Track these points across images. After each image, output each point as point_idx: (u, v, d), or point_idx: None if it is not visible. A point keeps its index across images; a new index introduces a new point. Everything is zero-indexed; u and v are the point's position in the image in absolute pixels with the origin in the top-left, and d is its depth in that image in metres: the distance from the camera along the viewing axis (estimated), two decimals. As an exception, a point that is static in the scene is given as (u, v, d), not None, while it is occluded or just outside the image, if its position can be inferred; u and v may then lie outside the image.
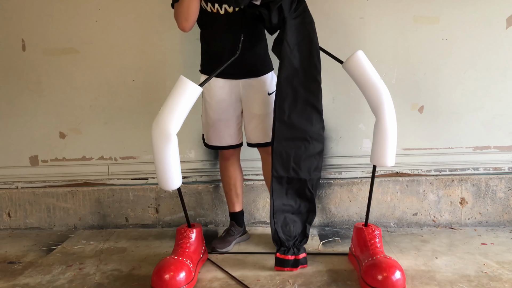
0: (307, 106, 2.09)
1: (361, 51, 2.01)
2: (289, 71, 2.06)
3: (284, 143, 2.10)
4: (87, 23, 2.63)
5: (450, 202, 2.66)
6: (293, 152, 2.11)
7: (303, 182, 2.14)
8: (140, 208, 2.77)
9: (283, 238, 2.11)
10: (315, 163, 2.15)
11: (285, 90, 2.07)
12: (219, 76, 2.19)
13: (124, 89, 2.69)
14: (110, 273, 2.13)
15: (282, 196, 2.16)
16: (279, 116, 2.09)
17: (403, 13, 2.54)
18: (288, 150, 2.11)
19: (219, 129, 2.27)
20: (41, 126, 2.75)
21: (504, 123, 2.63)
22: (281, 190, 2.15)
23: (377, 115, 1.98)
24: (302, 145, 2.11)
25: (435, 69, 2.58)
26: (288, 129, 2.10)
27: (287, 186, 2.15)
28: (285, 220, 2.16)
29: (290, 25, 2.04)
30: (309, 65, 2.07)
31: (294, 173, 2.13)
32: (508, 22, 2.53)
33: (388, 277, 1.80)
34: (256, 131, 2.29)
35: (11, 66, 2.70)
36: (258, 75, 2.22)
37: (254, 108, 2.24)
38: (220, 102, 2.24)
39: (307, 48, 2.07)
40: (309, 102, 2.09)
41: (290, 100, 2.08)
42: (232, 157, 2.37)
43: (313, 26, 2.08)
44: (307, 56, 2.07)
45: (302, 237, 2.17)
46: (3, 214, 2.83)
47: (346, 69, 2.04)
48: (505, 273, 2.00)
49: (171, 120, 1.85)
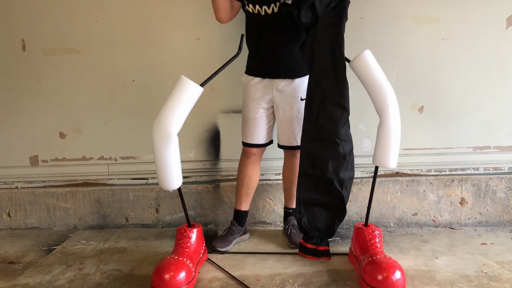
0: (336, 107, 2.08)
1: (368, 51, 2.00)
2: (319, 72, 2.07)
3: (311, 142, 2.12)
4: (87, 23, 2.63)
5: (450, 202, 2.66)
6: (319, 151, 2.12)
7: (330, 182, 2.14)
8: (140, 208, 2.76)
9: (307, 228, 2.20)
10: (344, 163, 2.13)
11: (314, 91, 2.08)
12: (255, 74, 2.26)
13: (124, 89, 2.69)
14: (110, 273, 2.13)
15: (311, 190, 2.18)
16: (307, 115, 2.11)
17: (403, 13, 2.54)
18: (315, 149, 2.13)
19: (248, 126, 2.32)
20: (41, 126, 2.75)
21: (504, 123, 2.63)
22: (309, 185, 2.18)
23: (381, 115, 1.98)
24: (329, 146, 2.10)
25: (435, 69, 2.58)
26: (315, 130, 2.11)
27: (316, 182, 2.17)
28: (314, 212, 2.20)
29: (323, 25, 2.03)
30: (338, 65, 2.06)
31: (320, 172, 2.14)
32: (508, 22, 2.53)
33: (388, 277, 1.80)
34: (284, 134, 2.32)
35: (11, 66, 2.70)
36: (294, 77, 2.23)
37: (285, 112, 2.26)
38: (252, 100, 2.28)
39: (338, 48, 2.05)
40: (339, 103, 2.08)
41: (319, 101, 2.09)
42: (253, 157, 2.37)
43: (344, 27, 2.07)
44: (338, 56, 2.06)
45: (328, 231, 2.21)
46: (3, 214, 2.83)
47: (353, 68, 2.03)
48: (505, 273, 2.01)
49: (172, 120, 1.85)
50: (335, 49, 2.06)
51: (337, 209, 2.19)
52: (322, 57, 2.06)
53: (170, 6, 2.59)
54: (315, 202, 2.19)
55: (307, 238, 2.21)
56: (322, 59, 2.06)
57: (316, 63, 2.06)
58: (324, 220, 2.21)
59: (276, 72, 2.23)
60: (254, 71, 2.27)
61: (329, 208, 2.20)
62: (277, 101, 2.26)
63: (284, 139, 2.35)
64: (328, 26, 2.04)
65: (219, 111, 2.68)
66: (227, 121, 2.68)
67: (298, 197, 2.20)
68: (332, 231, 2.21)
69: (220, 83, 2.61)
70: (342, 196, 2.16)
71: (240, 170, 2.41)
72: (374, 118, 2.04)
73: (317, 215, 2.21)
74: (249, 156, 2.37)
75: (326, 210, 2.20)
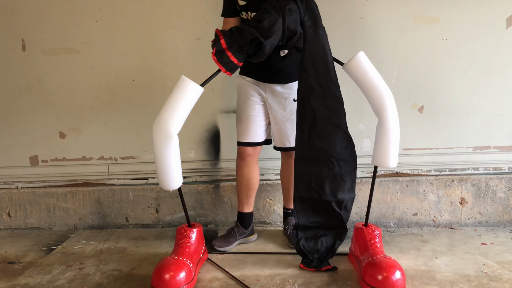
0: (328, 125, 2.00)
1: (362, 52, 1.96)
2: (304, 90, 2.00)
3: (305, 163, 2.04)
4: (87, 23, 2.63)
5: (450, 202, 2.66)
6: (315, 172, 2.03)
7: (328, 204, 2.06)
8: (140, 208, 2.77)
9: (306, 250, 2.10)
10: (342, 184, 2.04)
11: (303, 110, 2.01)
12: (249, 75, 2.26)
13: (124, 89, 2.69)
14: (110, 273, 2.13)
15: (308, 214, 2.11)
16: (299, 136, 2.04)
17: (403, 13, 2.54)
18: (310, 171, 2.04)
19: (244, 124, 2.29)
20: (41, 126, 2.75)
21: (504, 123, 2.63)
22: (306, 209, 2.10)
23: (380, 117, 1.96)
24: (324, 166, 2.02)
25: (435, 69, 2.58)
26: (308, 150, 2.03)
27: (313, 205, 2.10)
28: (315, 235, 2.11)
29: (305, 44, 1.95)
30: (326, 80, 1.97)
31: (316, 194, 2.06)
32: (508, 22, 2.53)
33: (388, 277, 1.80)
34: (278, 135, 2.30)
35: (11, 66, 2.70)
36: (286, 82, 2.21)
37: (277, 113, 2.25)
38: (247, 98, 2.27)
39: (323, 63, 1.96)
40: (330, 120, 1.99)
41: (309, 120, 2.01)
42: (248, 158, 2.32)
43: (326, 38, 1.98)
44: (323, 71, 1.96)
45: (329, 252, 2.11)
46: (3, 214, 2.83)
47: (347, 71, 1.99)
48: (505, 273, 2.00)
49: (172, 120, 1.85)
50: (319, 65, 1.96)
51: (337, 229, 2.12)
52: (308, 74, 1.97)
53: (170, 6, 2.59)
54: (314, 225, 2.12)
55: (307, 262, 2.09)
56: (307, 76, 1.98)
57: (301, 80, 2.00)
58: (324, 241, 2.11)
59: (268, 78, 2.22)
60: (248, 73, 2.27)
61: (329, 228, 2.13)
62: (269, 101, 2.25)
63: (278, 141, 2.33)
64: (307, 40, 1.94)
65: (219, 111, 2.68)
66: (227, 121, 2.68)
67: (296, 222, 2.13)
68: (333, 251, 2.11)
69: (220, 83, 2.61)
70: (341, 216, 2.09)
71: (237, 173, 2.39)
72: (374, 118, 2.03)
73: (316, 237, 2.11)
74: (244, 158, 2.33)
75: (325, 231, 2.12)
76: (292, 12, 1.87)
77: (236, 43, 1.86)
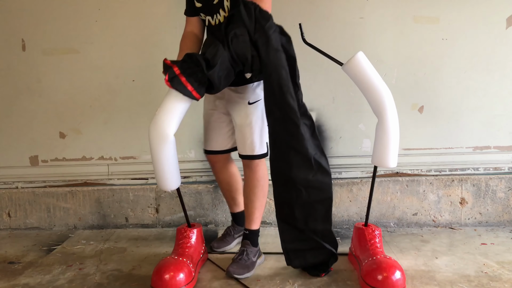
0: (290, 150, 1.86)
1: (361, 53, 1.94)
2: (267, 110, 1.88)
3: (279, 188, 1.95)
4: (87, 23, 2.63)
5: (450, 202, 2.66)
6: (286, 198, 1.93)
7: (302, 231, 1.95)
8: (140, 208, 2.77)
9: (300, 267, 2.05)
10: (313, 213, 1.93)
11: (271, 134, 1.90)
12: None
13: (124, 89, 2.69)
14: (110, 273, 2.13)
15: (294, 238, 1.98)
16: (272, 158, 1.92)
17: (403, 13, 2.54)
18: (283, 194, 1.94)
19: (205, 132, 2.24)
20: (41, 126, 2.75)
21: (504, 123, 2.63)
22: (291, 231, 1.98)
23: (380, 117, 1.96)
24: (293, 192, 1.91)
25: (435, 69, 2.58)
26: (277, 174, 1.93)
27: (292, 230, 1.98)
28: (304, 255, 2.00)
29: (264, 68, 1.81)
30: (282, 104, 1.82)
31: (291, 219, 1.96)
32: (508, 22, 2.53)
33: (388, 277, 1.80)
34: (238, 142, 2.11)
35: (11, 66, 2.71)
36: (237, 85, 2.07)
37: (234, 118, 2.11)
38: (207, 106, 2.21)
39: (277, 86, 1.80)
40: (290, 145, 1.86)
41: (272, 142, 1.91)
42: (217, 164, 2.27)
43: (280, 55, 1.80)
44: (278, 94, 1.81)
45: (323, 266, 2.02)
46: (3, 214, 2.83)
47: (346, 71, 1.97)
48: (505, 273, 2.00)
49: (168, 120, 1.83)
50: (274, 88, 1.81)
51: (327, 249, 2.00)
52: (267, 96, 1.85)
53: (170, 6, 2.59)
54: (306, 247, 1.99)
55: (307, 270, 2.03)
56: (267, 98, 1.86)
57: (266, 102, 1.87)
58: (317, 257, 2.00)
59: None
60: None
61: (320, 248, 1.99)
62: (228, 107, 2.13)
63: (239, 147, 2.12)
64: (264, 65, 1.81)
65: (219, 111, 2.68)
66: (227, 121, 2.67)
67: (284, 247, 2.01)
68: (326, 266, 2.01)
69: (220, 83, 2.61)
70: (324, 246, 1.97)
71: (215, 178, 2.35)
72: (374, 118, 2.03)
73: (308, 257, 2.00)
74: (213, 165, 2.28)
75: (319, 251, 1.99)
76: (238, 36, 1.77)
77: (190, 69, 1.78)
